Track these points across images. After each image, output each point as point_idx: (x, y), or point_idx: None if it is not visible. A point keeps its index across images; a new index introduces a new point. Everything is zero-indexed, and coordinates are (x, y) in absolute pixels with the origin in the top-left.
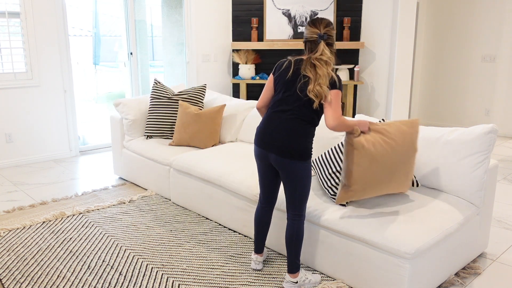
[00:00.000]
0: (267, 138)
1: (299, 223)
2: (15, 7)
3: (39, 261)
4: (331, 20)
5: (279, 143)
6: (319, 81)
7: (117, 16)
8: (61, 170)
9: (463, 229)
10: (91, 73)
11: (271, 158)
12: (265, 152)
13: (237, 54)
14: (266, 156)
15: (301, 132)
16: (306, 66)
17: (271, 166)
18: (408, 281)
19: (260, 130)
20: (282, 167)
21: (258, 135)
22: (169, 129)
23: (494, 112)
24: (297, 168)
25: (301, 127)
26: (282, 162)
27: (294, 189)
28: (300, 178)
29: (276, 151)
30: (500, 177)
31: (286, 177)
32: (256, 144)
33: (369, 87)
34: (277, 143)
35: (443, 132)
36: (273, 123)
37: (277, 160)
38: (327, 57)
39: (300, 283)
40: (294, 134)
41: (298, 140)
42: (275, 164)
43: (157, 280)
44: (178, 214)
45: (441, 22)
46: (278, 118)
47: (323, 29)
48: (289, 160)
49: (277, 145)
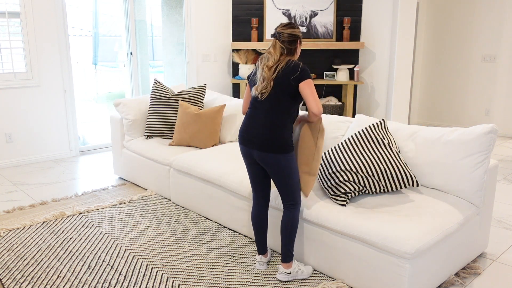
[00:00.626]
0: (248, 135)
1: (294, 211)
2: (15, 7)
3: (39, 261)
4: (330, 20)
5: (260, 138)
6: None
7: (117, 16)
8: (61, 170)
9: (463, 229)
10: (91, 73)
11: (254, 154)
12: (248, 149)
13: (237, 54)
14: (250, 153)
15: (278, 123)
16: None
17: (257, 163)
18: (408, 281)
19: (241, 129)
20: (265, 162)
21: (240, 133)
22: (169, 129)
23: (494, 112)
24: (280, 161)
25: (278, 120)
26: (265, 157)
27: (283, 182)
28: (286, 171)
29: (257, 147)
30: (500, 177)
31: (272, 172)
32: (239, 142)
33: (369, 87)
34: (257, 138)
35: (443, 132)
36: (252, 120)
37: (260, 155)
38: (268, 52)
39: (293, 273)
40: (272, 127)
41: (277, 131)
42: (259, 160)
43: (157, 280)
44: (178, 214)
45: (441, 22)
46: (256, 114)
47: (279, 29)
48: (272, 154)
49: (257, 140)
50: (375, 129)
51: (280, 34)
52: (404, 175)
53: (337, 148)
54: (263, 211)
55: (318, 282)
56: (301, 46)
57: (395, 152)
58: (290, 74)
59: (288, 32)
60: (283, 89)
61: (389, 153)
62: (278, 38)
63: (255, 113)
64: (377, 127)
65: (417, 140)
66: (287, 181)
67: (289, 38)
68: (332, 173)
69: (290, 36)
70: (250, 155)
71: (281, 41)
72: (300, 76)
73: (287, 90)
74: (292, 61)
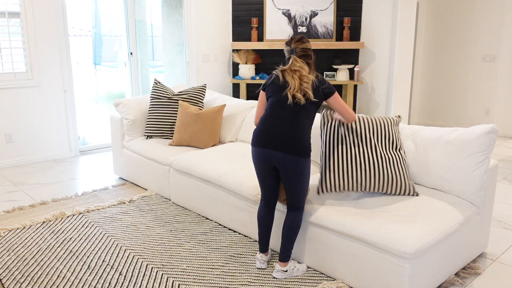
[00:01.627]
0: (268, 135)
1: (299, 214)
2: (15, 7)
3: (39, 261)
4: (330, 20)
5: (283, 138)
6: (294, 86)
7: (117, 16)
8: (61, 170)
9: (463, 229)
10: (91, 73)
11: (274, 156)
12: (265, 150)
13: (237, 54)
14: (266, 155)
15: (301, 127)
16: (285, 75)
17: (271, 166)
18: (408, 281)
19: (258, 130)
20: (283, 164)
21: (258, 135)
22: (169, 129)
23: (494, 112)
24: (298, 165)
25: (300, 122)
26: (284, 158)
27: (295, 186)
28: (301, 175)
29: (278, 147)
30: (500, 177)
31: (288, 175)
32: (255, 145)
33: (369, 87)
34: (280, 138)
35: (443, 132)
36: (273, 121)
37: (280, 156)
38: (298, 67)
39: (289, 271)
40: (296, 129)
41: (300, 134)
42: (278, 163)
43: (157, 280)
44: (178, 214)
45: (441, 22)
46: (279, 116)
47: (293, 45)
48: (292, 156)
49: (279, 140)
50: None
51: (295, 51)
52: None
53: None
54: (271, 212)
55: (318, 282)
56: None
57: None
58: (320, 85)
59: (302, 48)
60: (313, 100)
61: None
62: (295, 54)
63: (278, 115)
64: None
65: (417, 140)
66: (299, 185)
67: (303, 53)
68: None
69: (303, 51)
70: (265, 157)
71: (298, 56)
72: (328, 90)
73: (315, 100)
74: (319, 75)
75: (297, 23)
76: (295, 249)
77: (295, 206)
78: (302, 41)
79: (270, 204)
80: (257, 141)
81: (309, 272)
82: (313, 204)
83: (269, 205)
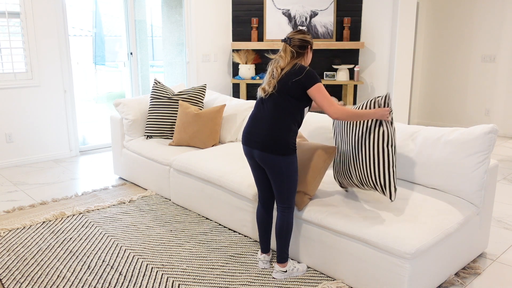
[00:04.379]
0: (251, 135)
1: (288, 215)
2: (15, 7)
3: (39, 261)
4: (330, 20)
5: (261, 138)
6: (273, 73)
7: (117, 16)
8: (61, 170)
9: (463, 229)
10: (91, 73)
11: (255, 154)
12: (250, 149)
13: (237, 54)
14: (251, 153)
15: (280, 125)
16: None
17: (258, 163)
18: (408, 281)
19: (245, 129)
20: (265, 163)
21: (244, 133)
22: (169, 129)
23: (494, 112)
24: (280, 164)
25: (280, 121)
26: (265, 157)
27: (281, 185)
28: (285, 174)
29: (258, 147)
30: (500, 177)
31: (271, 173)
32: (242, 143)
33: (369, 87)
34: (259, 138)
35: (443, 132)
36: (255, 120)
37: (260, 156)
38: (278, 56)
39: (289, 272)
40: (274, 128)
41: (278, 133)
42: (259, 161)
43: (157, 280)
44: (178, 214)
45: (441, 22)
46: (260, 115)
47: (290, 35)
48: (272, 155)
49: (259, 140)
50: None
51: (290, 40)
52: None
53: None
54: (268, 211)
55: (318, 282)
56: (311, 52)
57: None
58: (292, 76)
59: (299, 38)
60: (285, 90)
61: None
62: (289, 43)
63: (259, 114)
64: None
65: (417, 140)
66: (284, 184)
67: (300, 43)
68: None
69: (300, 41)
70: (252, 156)
71: (291, 46)
72: (305, 80)
73: (289, 91)
74: (298, 64)
75: (297, 23)
76: (295, 249)
77: (284, 205)
78: (301, 32)
79: (267, 205)
80: (242, 139)
81: (309, 272)
82: (313, 204)
83: (266, 206)
